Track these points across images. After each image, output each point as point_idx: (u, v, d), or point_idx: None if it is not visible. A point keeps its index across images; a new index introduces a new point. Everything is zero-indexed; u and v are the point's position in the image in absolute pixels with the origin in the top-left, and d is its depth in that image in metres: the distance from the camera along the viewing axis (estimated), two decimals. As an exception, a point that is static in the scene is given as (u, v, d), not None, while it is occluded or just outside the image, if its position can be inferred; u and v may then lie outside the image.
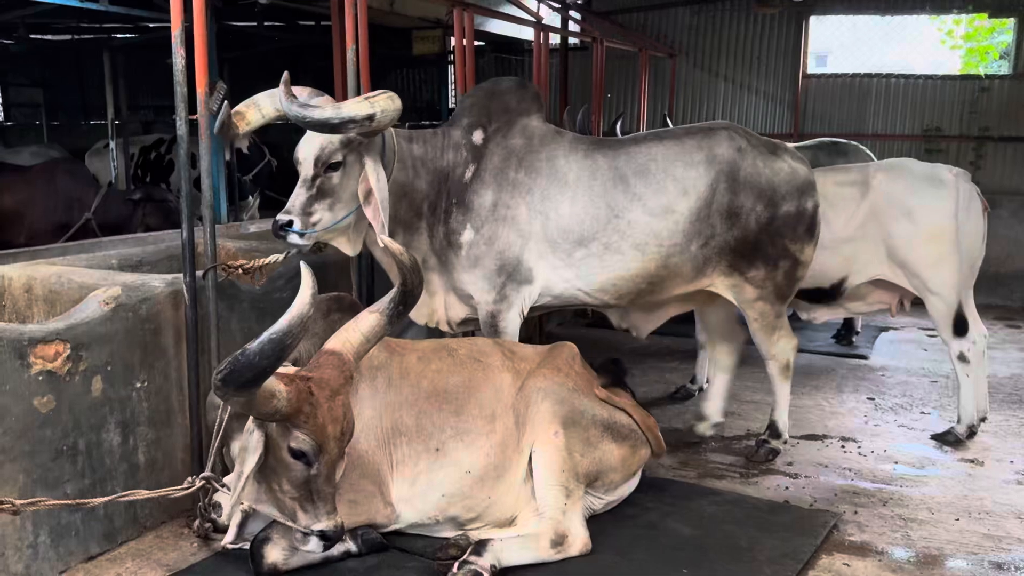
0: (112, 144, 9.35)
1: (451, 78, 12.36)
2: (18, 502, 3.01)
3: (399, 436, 3.63)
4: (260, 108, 4.12)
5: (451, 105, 12.52)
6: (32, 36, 11.69)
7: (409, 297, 3.37)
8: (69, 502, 3.23)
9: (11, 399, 3.23)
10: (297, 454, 3.14)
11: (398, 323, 3.39)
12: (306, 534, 3.23)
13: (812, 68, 10.91)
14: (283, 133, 9.74)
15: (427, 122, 12.36)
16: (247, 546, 3.44)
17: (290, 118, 3.79)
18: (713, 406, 5.12)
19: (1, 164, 8.03)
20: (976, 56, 10.01)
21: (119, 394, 3.64)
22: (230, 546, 3.55)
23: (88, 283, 4.00)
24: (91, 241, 5.44)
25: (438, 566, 3.46)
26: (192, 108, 3.73)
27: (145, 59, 11.76)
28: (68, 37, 12.45)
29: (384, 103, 3.74)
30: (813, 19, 10.68)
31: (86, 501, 3.25)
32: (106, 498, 3.26)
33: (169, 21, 3.66)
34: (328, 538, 3.22)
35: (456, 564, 3.34)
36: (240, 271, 3.97)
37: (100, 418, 3.57)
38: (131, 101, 11.82)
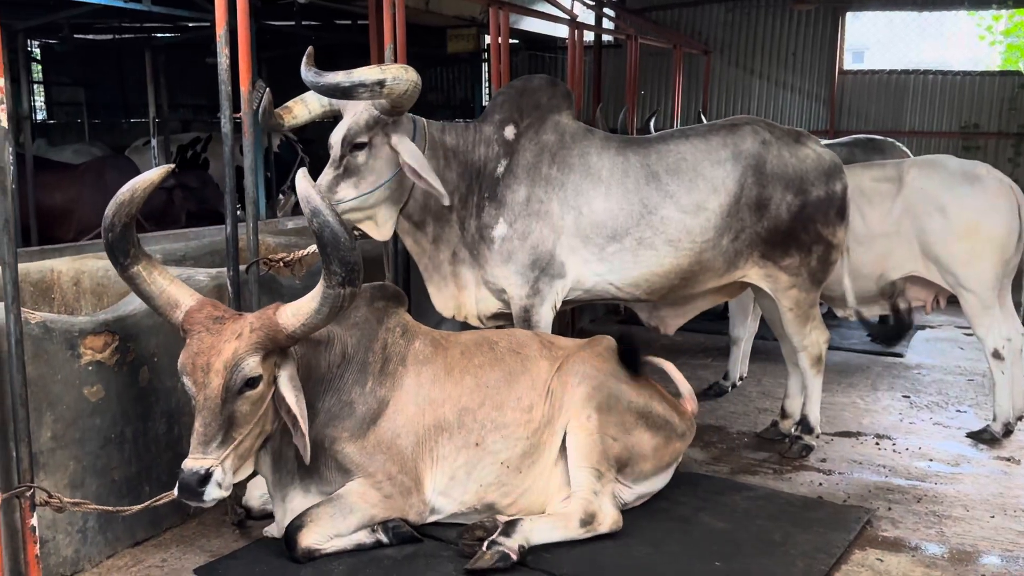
0: (154, 142, 9.56)
1: (485, 76, 12.44)
2: (65, 500, 3.17)
3: (441, 432, 3.69)
4: (307, 104, 4.26)
5: (485, 103, 12.61)
6: (75, 36, 11.95)
7: (331, 253, 3.06)
8: (109, 508, 3.34)
9: (62, 388, 3.35)
10: None
11: (345, 289, 3.12)
12: None
13: (848, 64, 10.85)
14: (319, 128, 9.90)
15: (461, 119, 12.45)
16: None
17: (306, 84, 3.92)
18: (795, 403, 5.12)
19: (50, 162, 8.22)
20: (1016, 52, 9.88)
21: (164, 385, 3.75)
22: (268, 534, 3.66)
23: (134, 277, 4.11)
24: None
25: (464, 547, 3.52)
26: (236, 106, 3.82)
27: (184, 58, 11.97)
28: (110, 37, 12.71)
29: (396, 71, 3.81)
30: (849, 15, 10.64)
31: (123, 509, 3.34)
32: (140, 506, 3.35)
33: (207, 21, 3.75)
34: (180, 479, 3.06)
35: (485, 544, 3.41)
36: (281, 264, 4.06)
37: (146, 407, 3.68)
38: (171, 100, 12.03)
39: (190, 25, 11.12)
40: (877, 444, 5.09)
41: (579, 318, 7.48)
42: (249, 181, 3.92)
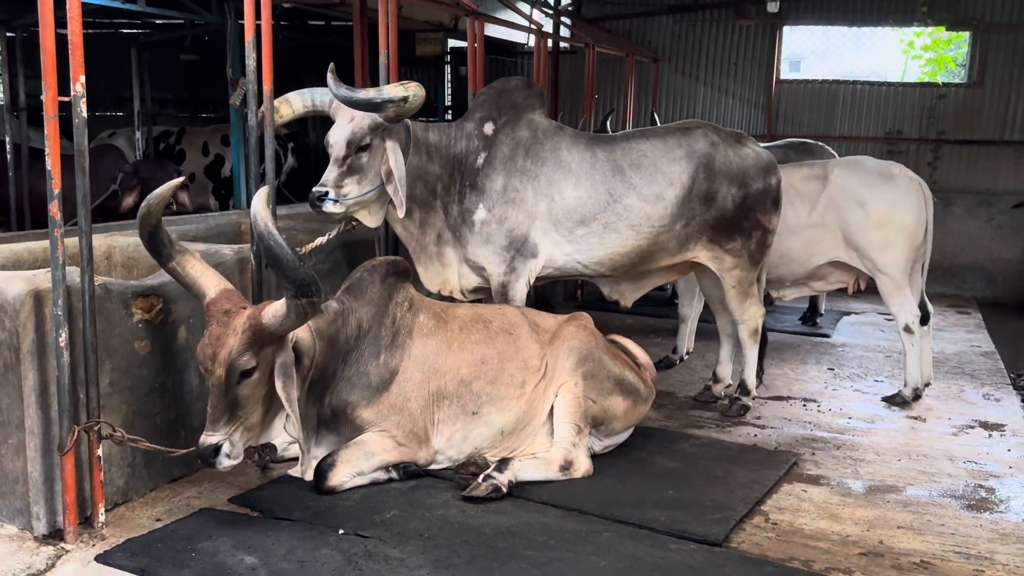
0: (138, 134, 10.03)
1: (447, 77, 13.05)
2: (126, 436, 3.73)
3: (442, 399, 4.30)
4: (291, 104, 4.81)
5: (447, 102, 13.20)
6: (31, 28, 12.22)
7: (279, 272, 3.52)
8: (161, 448, 3.89)
9: (118, 342, 3.90)
10: None
11: (301, 300, 3.51)
12: None
13: (785, 73, 11.70)
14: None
15: (423, 118, 12.98)
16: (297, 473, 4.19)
17: (338, 99, 4.48)
18: (726, 369, 5.87)
19: (43, 152, 8.58)
20: (934, 65, 10.84)
21: (198, 343, 4.29)
22: (294, 473, 4.24)
23: (163, 251, 4.66)
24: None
25: (459, 479, 4.16)
26: (260, 101, 4.40)
27: (151, 56, 12.26)
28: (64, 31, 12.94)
29: (415, 89, 4.48)
30: (786, 28, 11.47)
31: (171, 450, 3.92)
32: (184, 451, 3.93)
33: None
34: (197, 451, 3.63)
35: (480, 477, 4.05)
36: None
37: (183, 362, 4.24)
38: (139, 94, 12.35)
39: (157, 22, 11.48)
40: (804, 406, 5.85)
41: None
42: (270, 169, 4.50)
